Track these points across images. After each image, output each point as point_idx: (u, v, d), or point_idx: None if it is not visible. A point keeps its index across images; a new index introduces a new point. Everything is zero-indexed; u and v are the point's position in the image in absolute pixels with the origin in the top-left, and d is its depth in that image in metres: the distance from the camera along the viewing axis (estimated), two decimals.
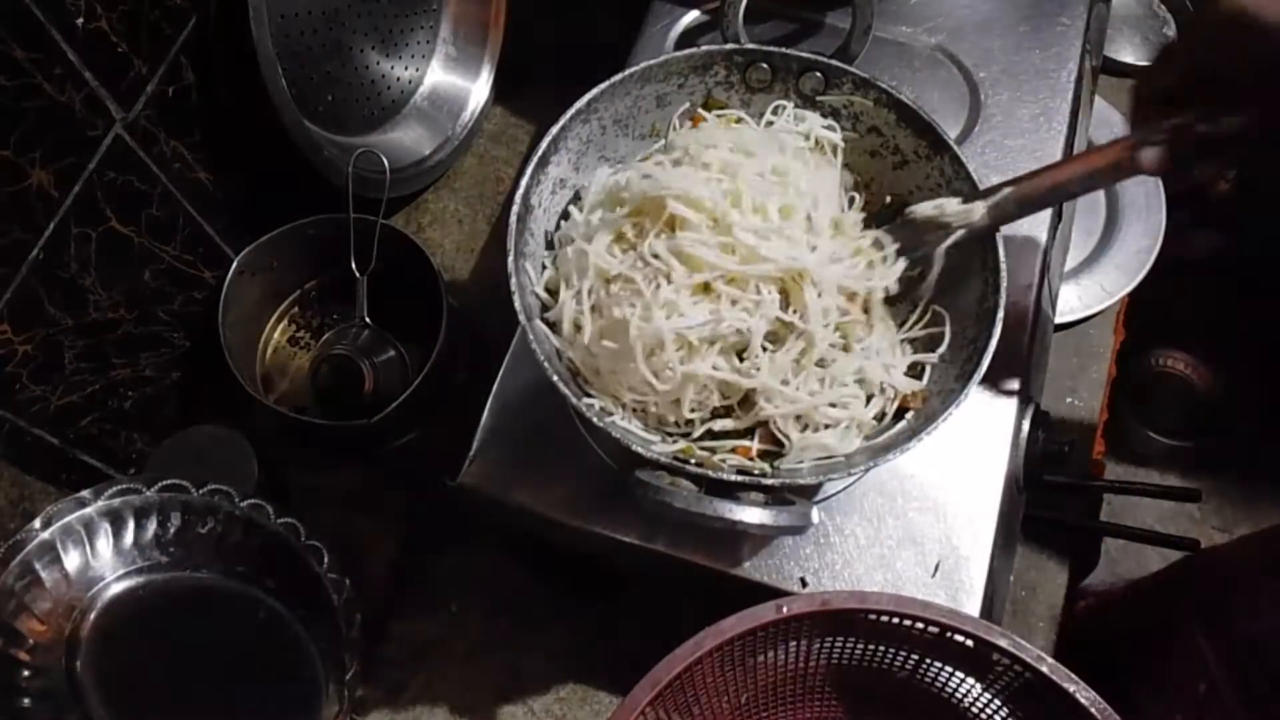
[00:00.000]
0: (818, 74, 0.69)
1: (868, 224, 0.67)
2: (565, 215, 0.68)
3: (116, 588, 0.74)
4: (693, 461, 0.59)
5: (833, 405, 0.61)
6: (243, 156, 0.86)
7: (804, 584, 0.67)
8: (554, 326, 0.63)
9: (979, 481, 0.69)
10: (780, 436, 0.61)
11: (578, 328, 0.62)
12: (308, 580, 0.75)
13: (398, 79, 0.99)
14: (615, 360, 0.60)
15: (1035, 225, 0.77)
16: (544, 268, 0.66)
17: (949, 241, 0.64)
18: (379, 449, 0.88)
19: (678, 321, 0.58)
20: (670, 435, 0.62)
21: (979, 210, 0.63)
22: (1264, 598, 0.72)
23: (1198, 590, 0.81)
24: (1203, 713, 0.72)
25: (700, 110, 0.70)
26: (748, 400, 0.61)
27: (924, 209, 0.65)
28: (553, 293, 0.65)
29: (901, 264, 0.65)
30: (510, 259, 0.60)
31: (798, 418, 0.61)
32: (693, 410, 0.61)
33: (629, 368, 0.59)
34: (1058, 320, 0.90)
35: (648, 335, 0.58)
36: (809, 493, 0.68)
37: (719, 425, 0.62)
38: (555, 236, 0.67)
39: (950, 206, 0.64)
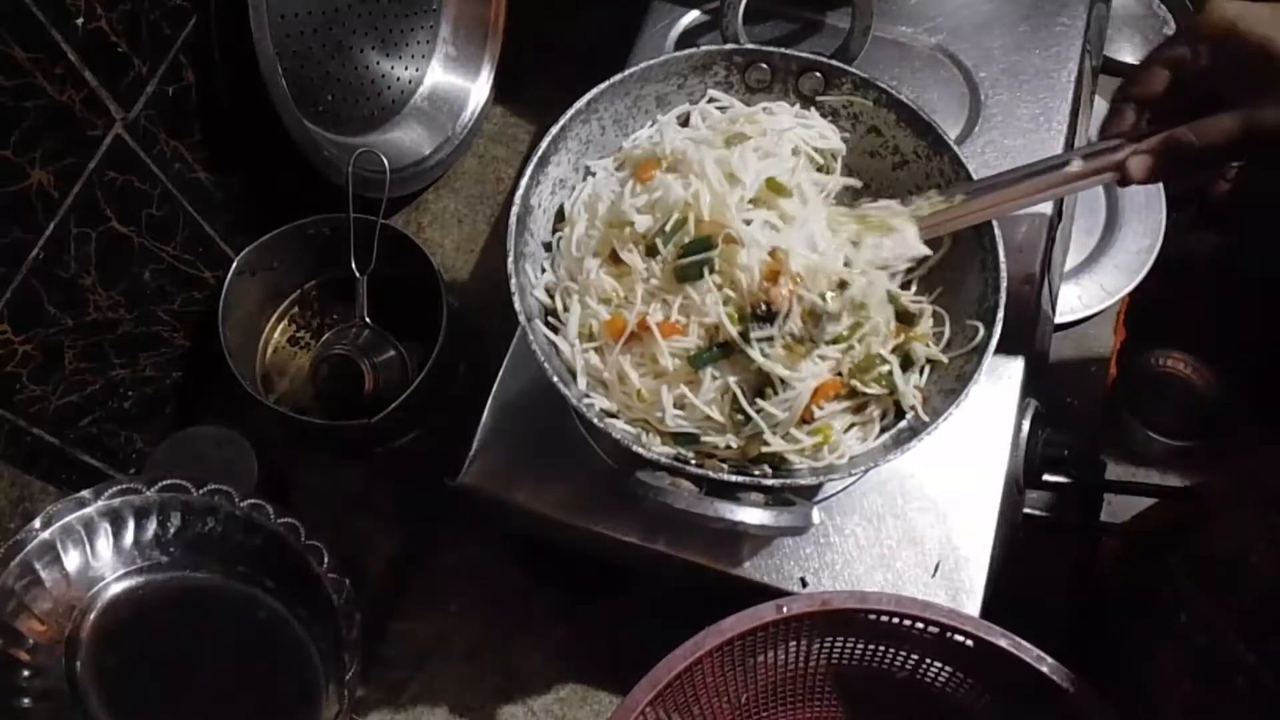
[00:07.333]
0: (818, 74, 0.69)
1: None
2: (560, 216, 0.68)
3: (116, 588, 0.74)
4: (693, 462, 0.59)
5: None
6: (243, 156, 0.86)
7: (804, 584, 0.67)
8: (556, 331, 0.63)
9: (979, 481, 0.69)
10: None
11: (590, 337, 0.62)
12: (308, 580, 0.75)
13: (398, 79, 0.99)
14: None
15: (1035, 225, 0.77)
16: (544, 269, 0.66)
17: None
18: (379, 449, 0.88)
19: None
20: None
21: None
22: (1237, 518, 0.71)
23: (1176, 531, 0.81)
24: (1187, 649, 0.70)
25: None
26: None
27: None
28: (552, 295, 0.65)
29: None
30: (510, 259, 0.60)
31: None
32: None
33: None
34: (1058, 320, 0.90)
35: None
36: (809, 493, 0.68)
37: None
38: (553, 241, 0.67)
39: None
